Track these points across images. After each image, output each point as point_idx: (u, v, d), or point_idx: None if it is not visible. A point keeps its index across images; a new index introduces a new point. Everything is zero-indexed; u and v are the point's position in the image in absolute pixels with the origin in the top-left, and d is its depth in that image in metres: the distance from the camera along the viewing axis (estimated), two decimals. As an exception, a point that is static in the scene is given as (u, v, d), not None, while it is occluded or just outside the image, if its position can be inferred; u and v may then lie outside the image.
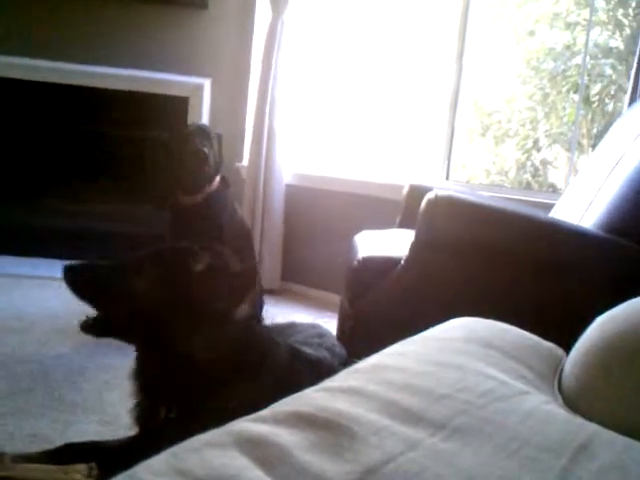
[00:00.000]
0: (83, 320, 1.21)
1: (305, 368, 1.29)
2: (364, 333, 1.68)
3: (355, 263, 1.77)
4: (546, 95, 3.62)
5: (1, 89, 3.23)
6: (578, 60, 3.38)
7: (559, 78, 3.55)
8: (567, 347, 1.06)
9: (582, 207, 1.85)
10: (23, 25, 3.21)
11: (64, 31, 3.22)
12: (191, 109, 3.25)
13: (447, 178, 3.12)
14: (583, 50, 3.08)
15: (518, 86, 3.65)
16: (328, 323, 2.13)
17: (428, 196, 1.59)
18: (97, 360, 2.01)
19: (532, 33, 3.63)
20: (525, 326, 1.11)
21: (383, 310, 1.66)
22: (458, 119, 3.10)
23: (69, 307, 1.26)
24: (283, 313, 2.75)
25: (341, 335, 1.89)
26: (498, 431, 0.71)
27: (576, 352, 1.00)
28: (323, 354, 1.43)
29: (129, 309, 1.19)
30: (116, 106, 3.24)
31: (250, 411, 0.70)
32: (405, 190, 2.45)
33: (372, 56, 3.36)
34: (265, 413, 0.70)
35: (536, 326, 1.11)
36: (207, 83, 3.26)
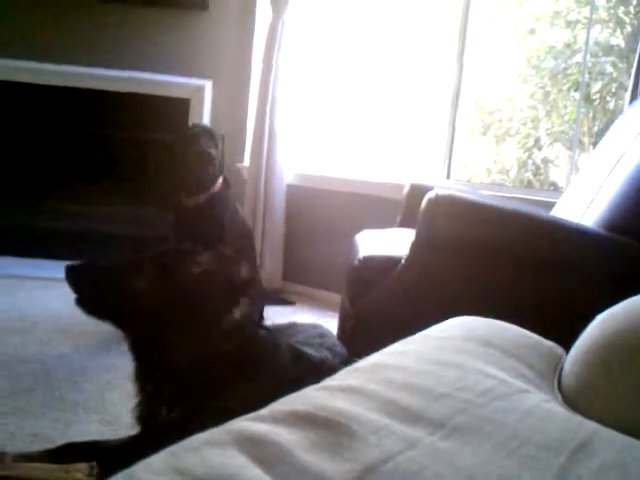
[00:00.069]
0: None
1: (307, 369, 1.29)
2: (365, 332, 1.68)
3: (356, 262, 1.77)
4: (547, 93, 3.62)
5: (5, 92, 3.25)
6: (579, 58, 3.37)
7: (560, 76, 3.54)
8: (567, 345, 1.05)
9: (583, 205, 1.84)
10: (27, 29, 3.22)
11: (67, 35, 3.23)
12: (192, 110, 3.25)
13: (448, 177, 3.12)
14: (584, 48, 3.08)
15: (519, 85, 3.64)
16: (329, 323, 2.13)
17: (429, 195, 1.59)
18: (99, 360, 2.02)
19: (533, 31, 3.62)
20: (525, 325, 1.11)
21: (384, 309, 1.66)
22: (459, 118, 3.10)
23: (71, 308, 1.26)
24: (284, 313, 2.75)
25: (342, 334, 1.89)
26: (498, 430, 0.71)
27: (576, 350, 1.00)
28: (325, 354, 1.43)
29: (129, 309, 1.20)
30: (118, 108, 3.24)
31: (251, 411, 0.70)
32: (406, 189, 2.46)
33: (372, 55, 3.36)
34: (264, 412, 0.70)
35: (536, 324, 1.11)
36: (208, 84, 3.27)
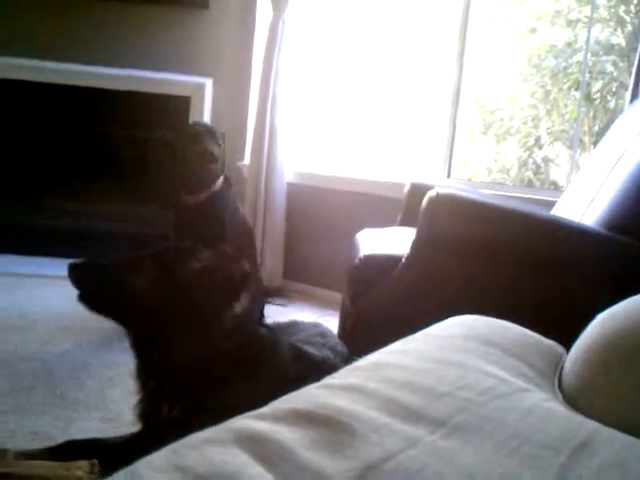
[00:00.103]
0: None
1: (308, 368, 1.29)
2: (365, 331, 1.68)
3: (356, 261, 1.77)
4: (547, 92, 3.62)
5: (6, 90, 3.24)
6: (579, 57, 3.37)
7: (560, 75, 3.54)
8: (568, 345, 1.06)
9: (584, 204, 1.84)
10: (27, 27, 3.22)
11: (67, 33, 3.23)
12: (193, 108, 3.25)
13: (448, 176, 3.12)
14: (584, 47, 3.08)
15: (519, 84, 3.64)
16: (330, 321, 2.13)
17: (429, 194, 1.59)
18: (100, 357, 2.02)
19: (533, 30, 3.62)
20: (526, 324, 1.11)
21: (384, 308, 1.66)
22: (459, 117, 3.09)
23: (72, 305, 1.26)
24: (285, 312, 2.75)
25: (342, 333, 1.89)
26: (498, 429, 0.71)
27: (576, 349, 1.00)
28: (325, 353, 1.43)
29: (130, 307, 1.20)
30: (118, 106, 3.24)
31: (252, 410, 0.70)
32: (406, 188, 2.46)
33: (373, 54, 3.35)
34: (265, 410, 0.70)
35: (537, 324, 1.11)
36: (208, 82, 3.26)
